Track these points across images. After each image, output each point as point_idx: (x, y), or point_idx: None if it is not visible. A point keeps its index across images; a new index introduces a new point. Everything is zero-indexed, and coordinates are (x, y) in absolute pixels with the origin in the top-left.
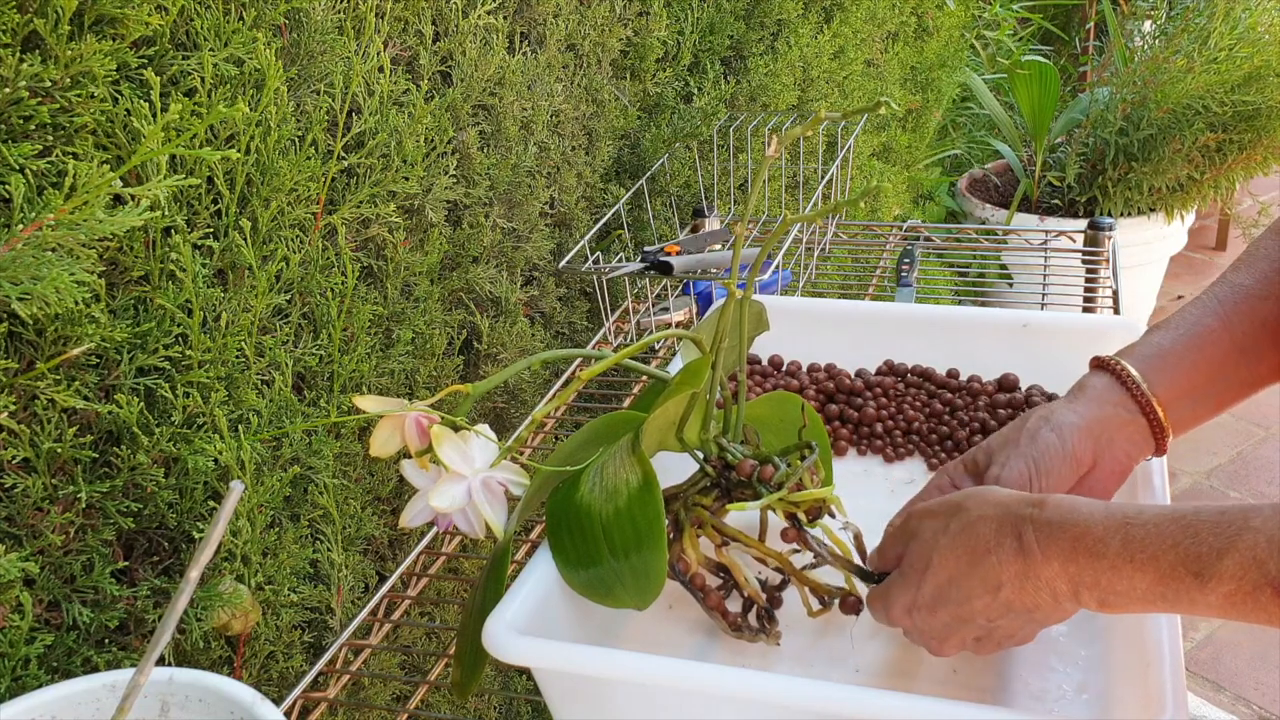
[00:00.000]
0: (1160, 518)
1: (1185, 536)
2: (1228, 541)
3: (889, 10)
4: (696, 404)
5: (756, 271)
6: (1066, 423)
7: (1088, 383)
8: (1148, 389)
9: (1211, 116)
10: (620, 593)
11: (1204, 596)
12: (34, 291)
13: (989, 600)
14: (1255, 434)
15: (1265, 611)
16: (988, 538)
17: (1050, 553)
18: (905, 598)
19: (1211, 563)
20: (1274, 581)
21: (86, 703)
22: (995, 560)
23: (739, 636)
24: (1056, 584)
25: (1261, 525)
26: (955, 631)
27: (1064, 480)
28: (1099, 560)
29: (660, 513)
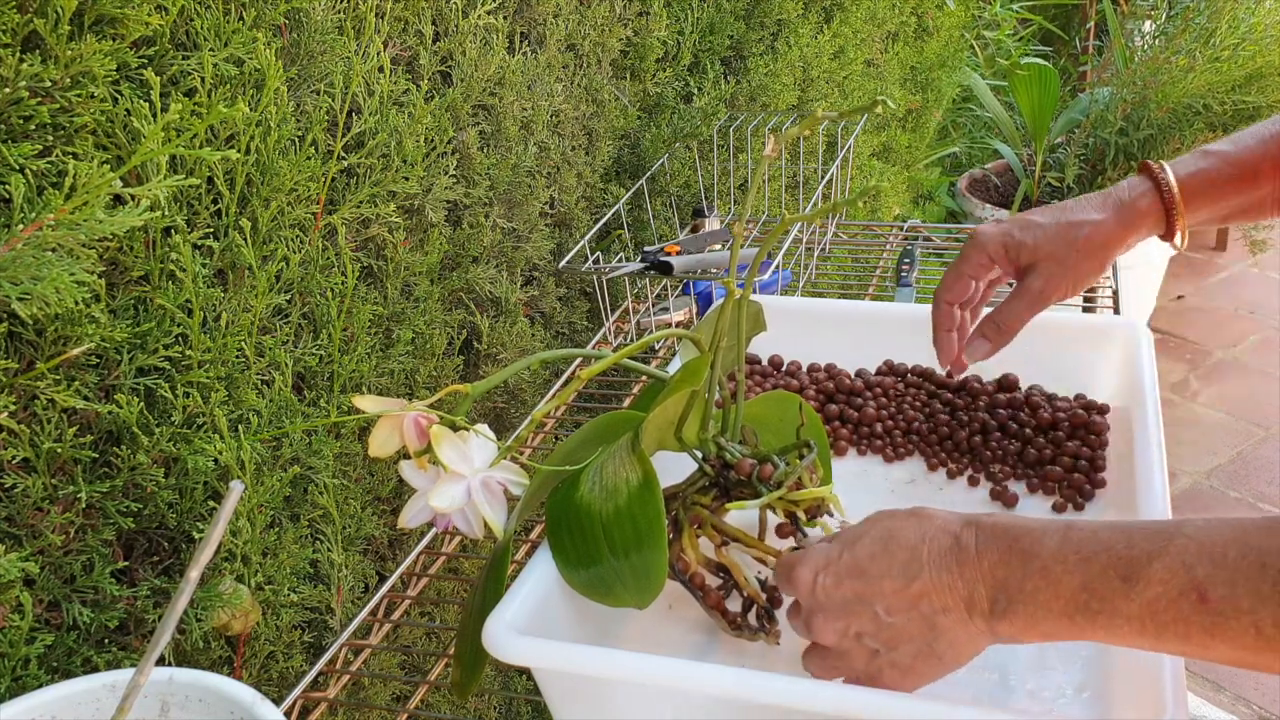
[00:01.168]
0: (1100, 525)
1: (1120, 541)
2: (1160, 546)
3: (889, 10)
4: (695, 403)
5: (755, 271)
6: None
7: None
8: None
9: (1211, 116)
10: (621, 592)
11: (1127, 604)
12: (34, 291)
13: (900, 586)
14: (1255, 434)
15: (1185, 623)
16: (926, 528)
17: (984, 550)
18: (820, 559)
19: (1141, 566)
20: (1199, 586)
21: (86, 703)
22: (926, 550)
23: (739, 635)
24: (976, 586)
25: (1194, 533)
26: (847, 613)
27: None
28: (1030, 561)
29: (660, 512)
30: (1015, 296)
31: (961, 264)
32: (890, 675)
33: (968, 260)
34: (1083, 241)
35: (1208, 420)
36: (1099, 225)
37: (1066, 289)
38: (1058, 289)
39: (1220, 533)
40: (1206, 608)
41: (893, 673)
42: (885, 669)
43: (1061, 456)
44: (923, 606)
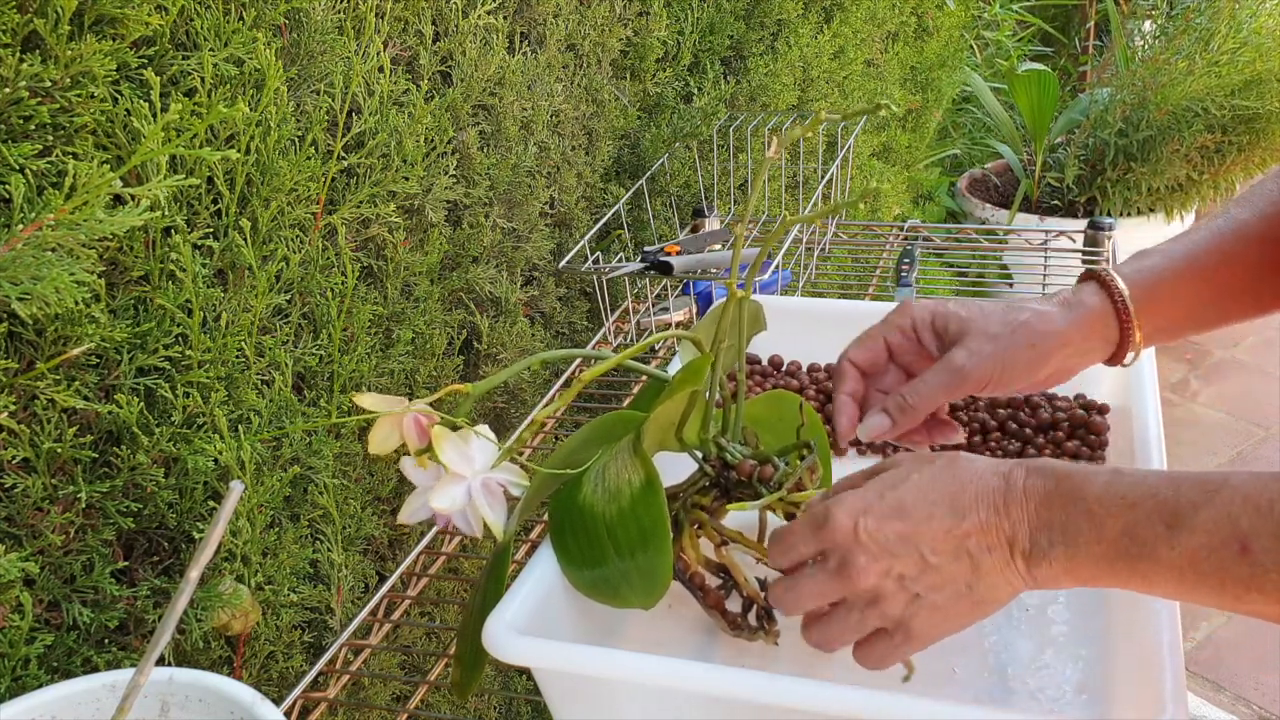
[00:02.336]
0: (1149, 472)
1: (1167, 488)
2: (1207, 496)
3: (889, 10)
4: (696, 404)
5: (756, 271)
6: (1046, 346)
7: (1085, 300)
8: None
9: (1210, 118)
10: (626, 593)
11: (1169, 552)
12: (34, 291)
13: (949, 526)
14: (1255, 434)
15: (1223, 572)
16: (973, 469)
17: (1031, 490)
18: (859, 503)
19: (1187, 514)
20: (1242, 537)
21: (86, 703)
22: (974, 489)
23: (738, 635)
24: (1020, 526)
25: (1240, 484)
26: (891, 555)
27: (1014, 387)
28: (1076, 503)
29: (664, 513)
30: (933, 370)
31: (879, 325)
32: (924, 619)
33: (886, 322)
34: (1021, 325)
35: (1208, 420)
36: (1042, 314)
37: (992, 372)
38: (981, 368)
39: (1268, 486)
40: (1247, 559)
41: (929, 616)
42: (923, 614)
43: (1061, 456)
44: (970, 545)
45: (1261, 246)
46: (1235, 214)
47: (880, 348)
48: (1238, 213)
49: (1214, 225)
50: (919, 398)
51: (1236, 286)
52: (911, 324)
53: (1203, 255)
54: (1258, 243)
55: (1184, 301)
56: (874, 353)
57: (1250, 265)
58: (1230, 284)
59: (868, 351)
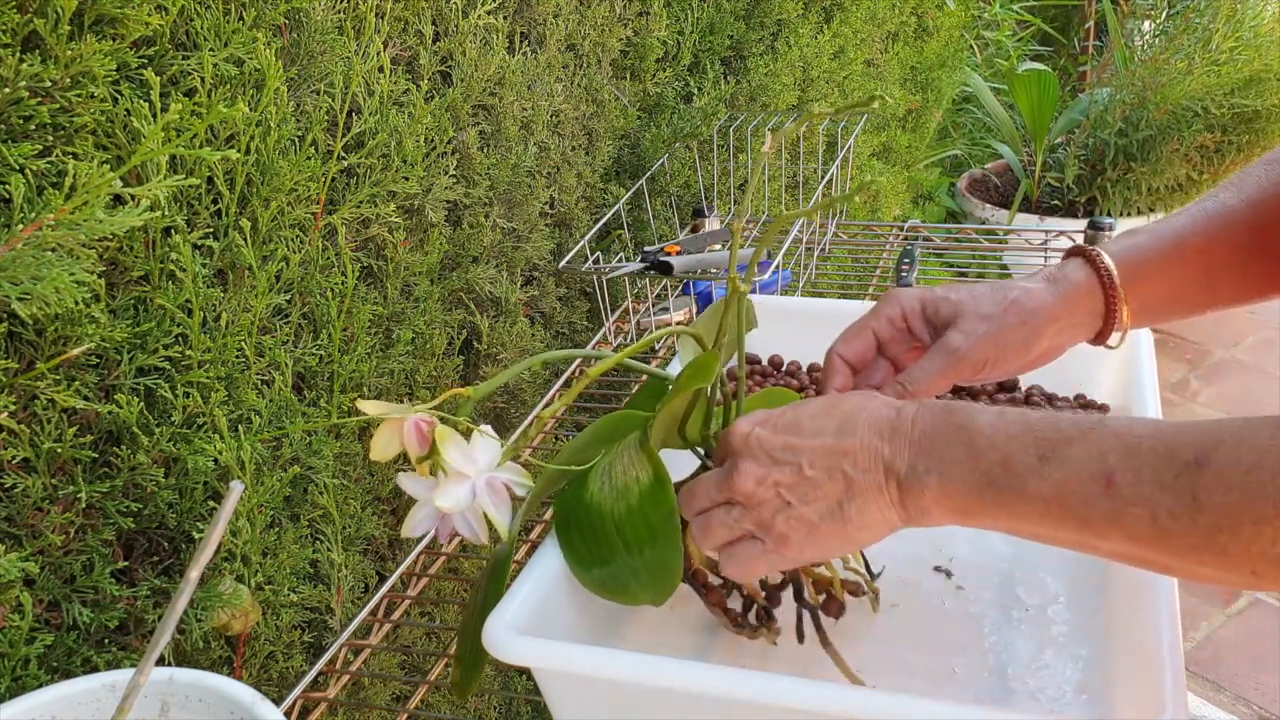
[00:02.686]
0: (1036, 411)
1: (1047, 425)
2: (1081, 432)
3: (889, 10)
4: (699, 401)
5: (754, 269)
6: (1038, 324)
7: (1071, 275)
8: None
9: (1210, 118)
10: (636, 589)
11: (1039, 482)
12: (34, 291)
13: (830, 444)
14: None
15: (1087, 505)
16: (871, 401)
17: (919, 419)
18: (763, 414)
19: (1060, 447)
20: (1109, 471)
21: (86, 703)
22: (865, 416)
23: (740, 633)
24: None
25: (1115, 425)
26: (772, 462)
27: (1010, 367)
28: (959, 433)
29: (674, 508)
30: (929, 354)
31: (867, 316)
32: (793, 533)
33: (875, 313)
34: (1011, 303)
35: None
36: (1030, 290)
37: (989, 353)
38: (978, 349)
39: (1140, 427)
40: (1111, 492)
41: (797, 528)
42: (790, 524)
43: None
44: (844, 464)
45: (1249, 232)
46: (1223, 198)
47: (869, 340)
48: (1225, 197)
49: (1202, 207)
50: (917, 384)
51: (1222, 268)
52: (901, 313)
53: (1189, 236)
54: (1245, 227)
55: (1170, 280)
56: (862, 346)
57: (1237, 248)
58: (1216, 265)
59: (856, 345)
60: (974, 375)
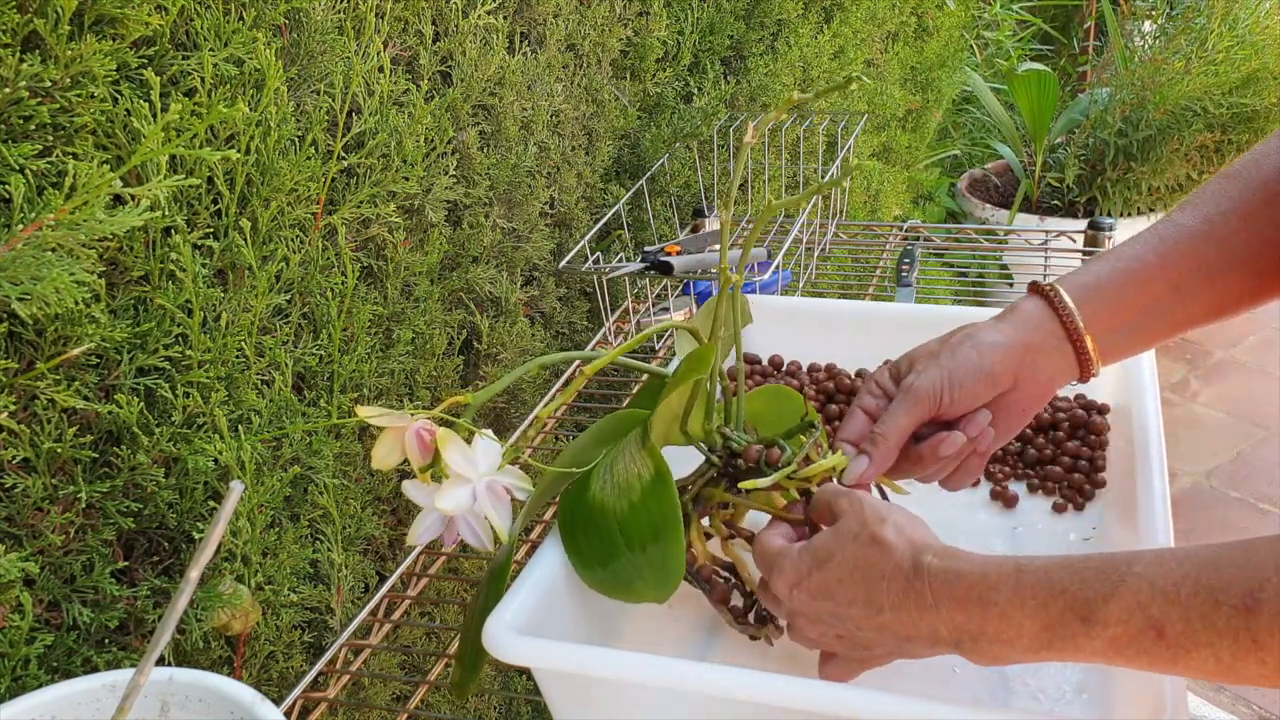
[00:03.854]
0: (1049, 564)
1: (1073, 582)
2: (1112, 586)
3: (889, 10)
4: (699, 396)
5: (745, 262)
6: (989, 341)
7: (1021, 306)
8: (1079, 319)
9: (1209, 118)
10: (639, 586)
11: (1089, 642)
12: (34, 291)
13: (868, 615)
14: (1255, 434)
15: (1148, 655)
16: (886, 565)
17: (939, 599)
18: (792, 575)
19: (1098, 607)
20: (1156, 624)
21: (86, 703)
22: (885, 588)
23: (743, 630)
24: (939, 629)
25: (1144, 570)
26: (822, 623)
27: (977, 396)
28: (988, 608)
29: (676, 504)
30: (893, 401)
31: (854, 401)
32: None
33: (859, 394)
34: (962, 337)
35: (1208, 420)
36: (979, 326)
37: (942, 385)
38: (930, 384)
39: (1171, 570)
40: (1165, 643)
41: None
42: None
43: (1061, 456)
44: (887, 636)
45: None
46: (1178, 219)
47: (862, 418)
48: (1180, 217)
49: (1157, 231)
50: (884, 427)
51: (1190, 286)
52: (876, 385)
53: (1146, 256)
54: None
55: (1133, 303)
56: (859, 424)
57: (1201, 264)
58: (1183, 284)
59: (854, 427)
60: (936, 409)
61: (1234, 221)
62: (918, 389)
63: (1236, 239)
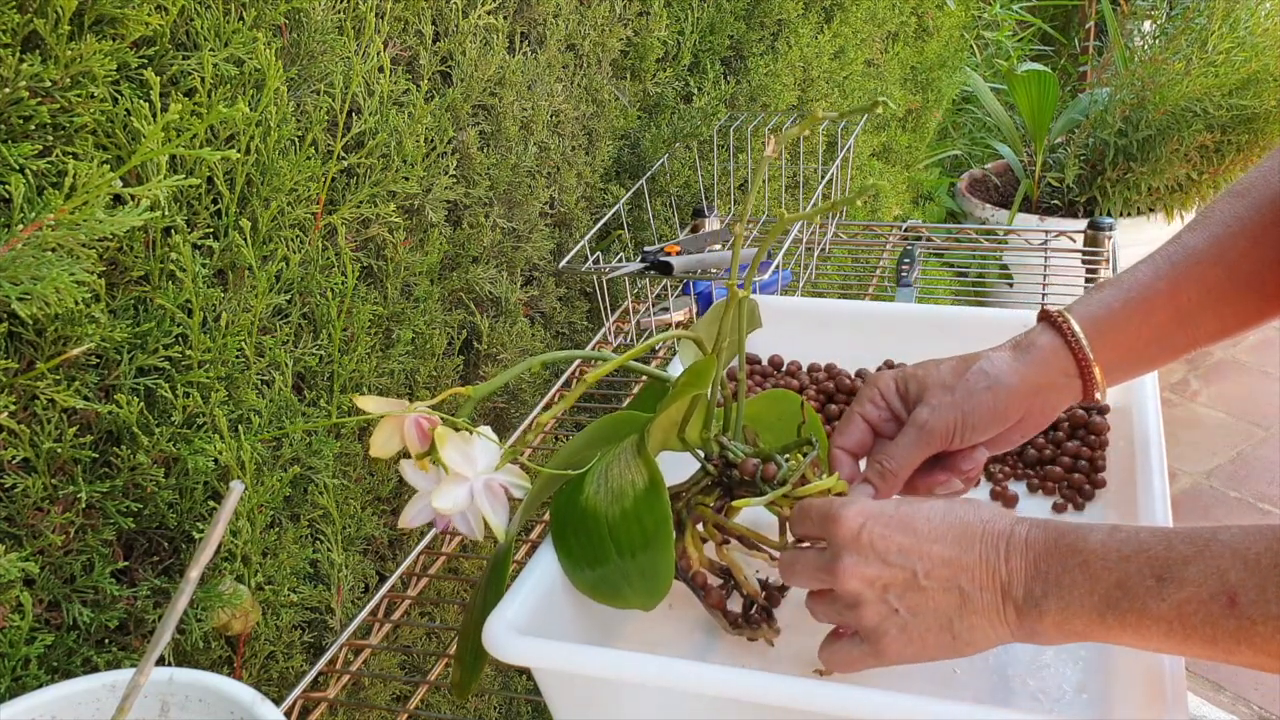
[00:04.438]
0: (1143, 528)
1: (1159, 543)
2: (1196, 550)
3: (889, 10)
4: (699, 404)
5: (755, 270)
6: (1005, 385)
7: (1035, 340)
8: (1091, 353)
9: (1209, 118)
10: (628, 593)
11: (1158, 604)
12: (34, 291)
13: (950, 555)
14: (1255, 434)
15: (1212, 625)
16: (986, 513)
17: (1033, 541)
18: (873, 507)
19: (1177, 567)
20: (1230, 590)
21: (86, 703)
22: (984, 529)
23: (739, 634)
24: (1017, 574)
25: (1229, 539)
26: (884, 564)
27: (987, 434)
28: (1073, 555)
29: (668, 514)
30: (902, 433)
31: (853, 404)
32: (895, 639)
33: (858, 399)
34: (974, 371)
35: (1208, 420)
36: (994, 357)
37: (956, 422)
38: (945, 420)
39: (1256, 540)
40: (1235, 611)
41: (900, 637)
42: (894, 631)
43: (1061, 456)
44: (963, 580)
45: (1221, 269)
46: (1186, 240)
47: (861, 427)
48: (1189, 239)
49: (1166, 252)
50: (894, 461)
51: (1197, 309)
52: (880, 395)
53: (1155, 282)
54: (1215, 265)
55: (1141, 329)
56: (858, 433)
57: (1208, 287)
58: (1190, 307)
59: (851, 434)
60: (947, 444)
61: (1242, 243)
62: (932, 428)
63: (1245, 261)
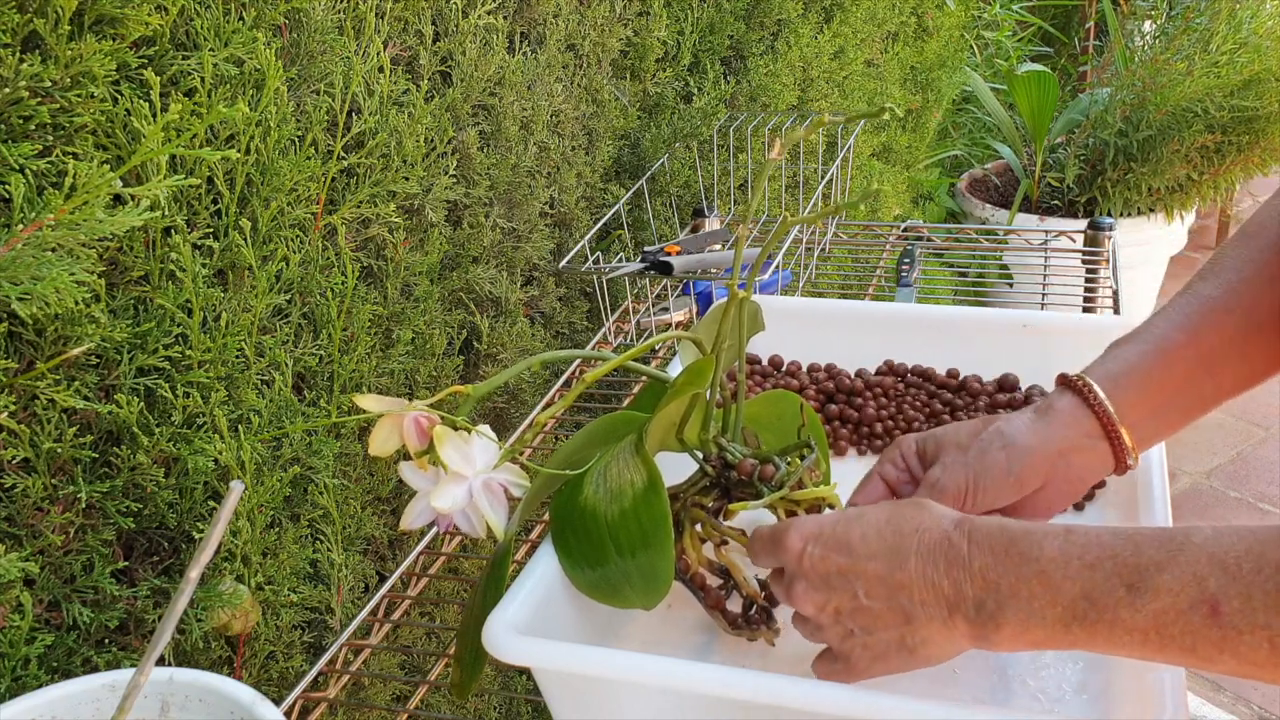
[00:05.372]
0: (1102, 530)
1: (1126, 548)
2: (1169, 555)
3: (889, 10)
4: (697, 405)
5: (756, 272)
6: (1021, 445)
7: (1054, 404)
8: (1114, 412)
9: (1210, 118)
10: (627, 593)
11: (1132, 615)
12: (34, 291)
13: (884, 572)
14: (1255, 434)
15: (1193, 635)
16: (923, 519)
17: (975, 551)
18: (813, 528)
19: (1149, 575)
20: (1212, 600)
21: (86, 703)
22: (917, 540)
23: (738, 634)
24: (963, 587)
25: (1203, 542)
26: (828, 588)
27: (1000, 499)
28: (1028, 564)
29: (667, 513)
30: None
31: (875, 465)
32: (862, 658)
33: (881, 460)
34: (993, 432)
35: (1208, 420)
36: (1013, 419)
37: (967, 481)
38: (953, 478)
39: (1233, 544)
40: (1218, 621)
41: (865, 655)
42: (858, 650)
43: None
44: (901, 597)
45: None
46: (1200, 290)
47: (879, 486)
48: (1202, 288)
49: (1181, 307)
50: None
51: (1219, 360)
52: (900, 456)
53: (1174, 334)
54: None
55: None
56: (875, 493)
57: (1229, 337)
58: (1213, 358)
59: (869, 492)
60: (958, 505)
61: (1256, 287)
62: (943, 487)
63: (1261, 306)
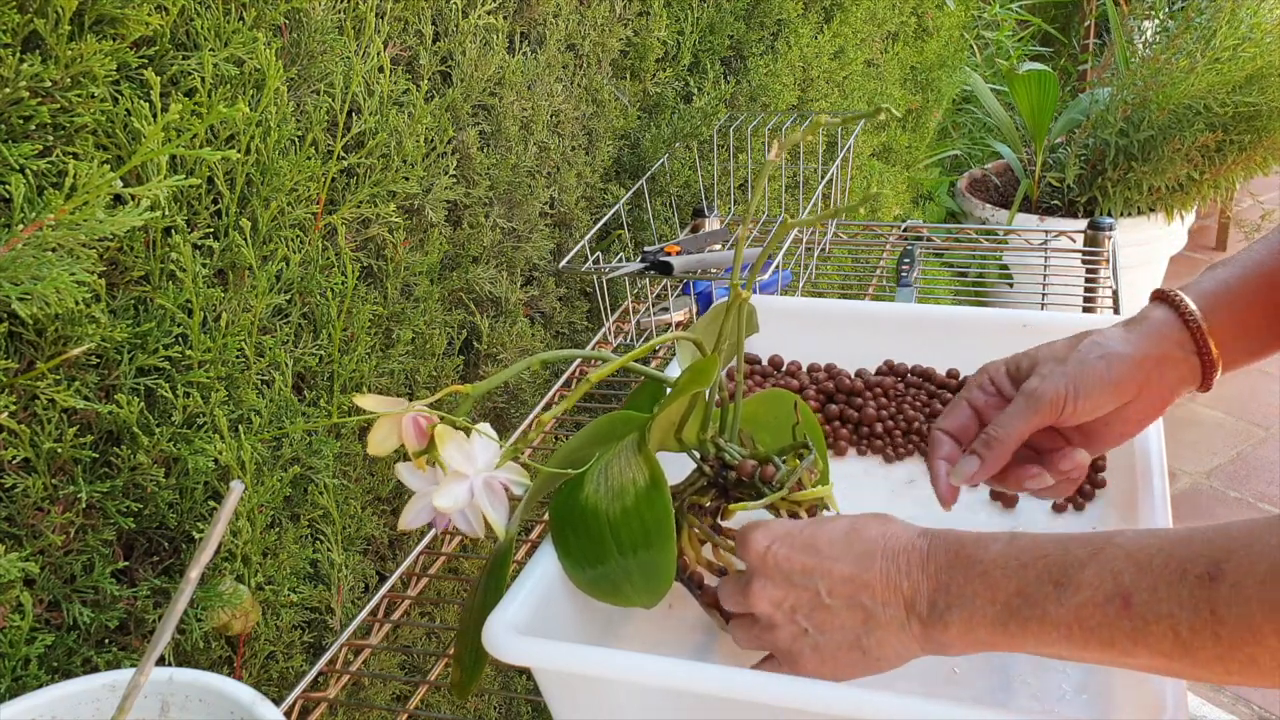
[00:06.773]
0: (1043, 535)
1: (1056, 549)
2: (1091, 553)
3: (889, 10)
4: (697, 405)
5: (756, 272)
6: (1118, 353)
7: (1148, 314)
8: (1206, 326)
9: (1212, 117)
10: (628, 590)
11: (1058, 609)
12: (34, 291)
13: (850, 573)
14: (1255, 434)
15: (1109, 627)
16: (889, 529)
17: (933, 554)
18: (780, 530)
19: (1074, 571)
20: (1125, 592)
21: (86, 703)
22: (884, 546)
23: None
24: (920, 587)
25: (1124, 542)
26: (789, 585)
27: (1100, 406)
28: (973, 566)
29: (669, 511)
30: (1011, 403)
31: (961, 391)
32: (810, 659)
33: (967, 386)
34: (1089, 343)
35: (1208, 420)
36: (1106, 330)
37: (1066, 391)
38: (1055, 389)
39: (1148, 541)
40: (1130, 613)
41: (814, 657)
42: (807, 651)
43: None
44: (864, 597)
45: None
46: None
47: (966, 411)
48: None
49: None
50: (1000, 429)
51: None
52: (989, 379)
53: (1274, 260)
54: None
55: (1263, 305)
56: (962, 418)
57: None
58: None
59: (955, 418)
60: (1057, 415)
61: None
62: (1041, 395)
63: None
